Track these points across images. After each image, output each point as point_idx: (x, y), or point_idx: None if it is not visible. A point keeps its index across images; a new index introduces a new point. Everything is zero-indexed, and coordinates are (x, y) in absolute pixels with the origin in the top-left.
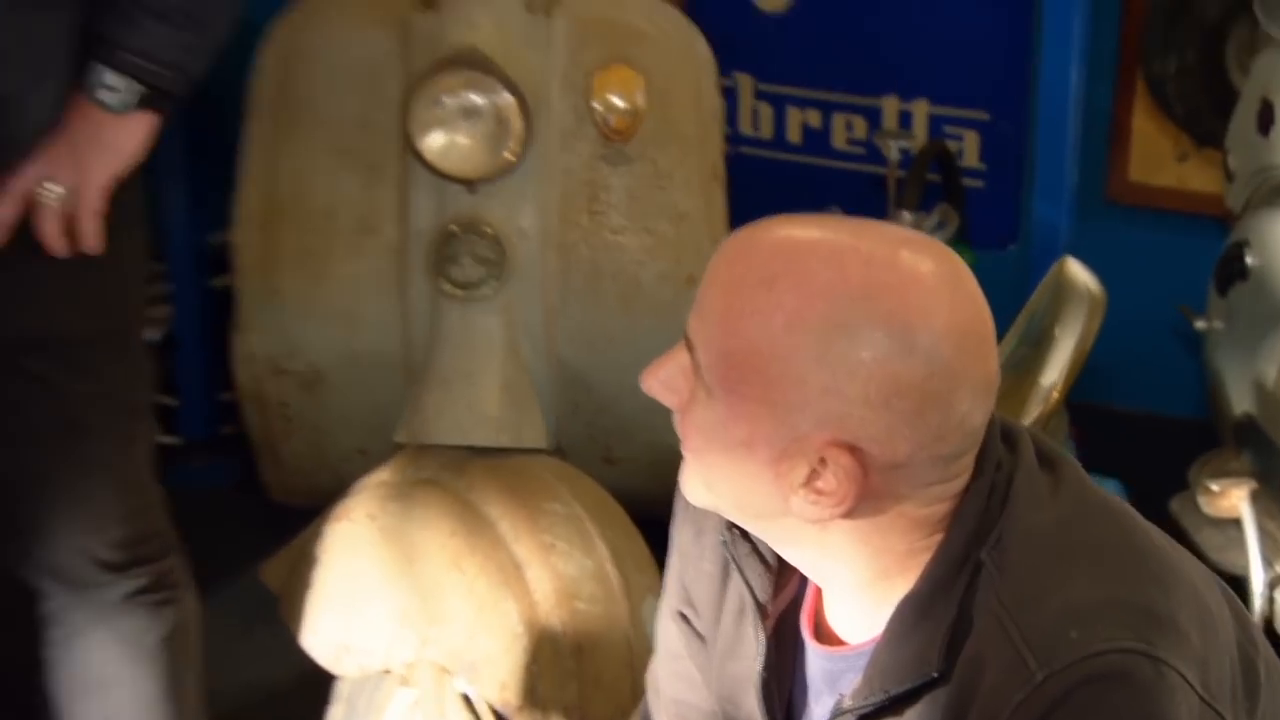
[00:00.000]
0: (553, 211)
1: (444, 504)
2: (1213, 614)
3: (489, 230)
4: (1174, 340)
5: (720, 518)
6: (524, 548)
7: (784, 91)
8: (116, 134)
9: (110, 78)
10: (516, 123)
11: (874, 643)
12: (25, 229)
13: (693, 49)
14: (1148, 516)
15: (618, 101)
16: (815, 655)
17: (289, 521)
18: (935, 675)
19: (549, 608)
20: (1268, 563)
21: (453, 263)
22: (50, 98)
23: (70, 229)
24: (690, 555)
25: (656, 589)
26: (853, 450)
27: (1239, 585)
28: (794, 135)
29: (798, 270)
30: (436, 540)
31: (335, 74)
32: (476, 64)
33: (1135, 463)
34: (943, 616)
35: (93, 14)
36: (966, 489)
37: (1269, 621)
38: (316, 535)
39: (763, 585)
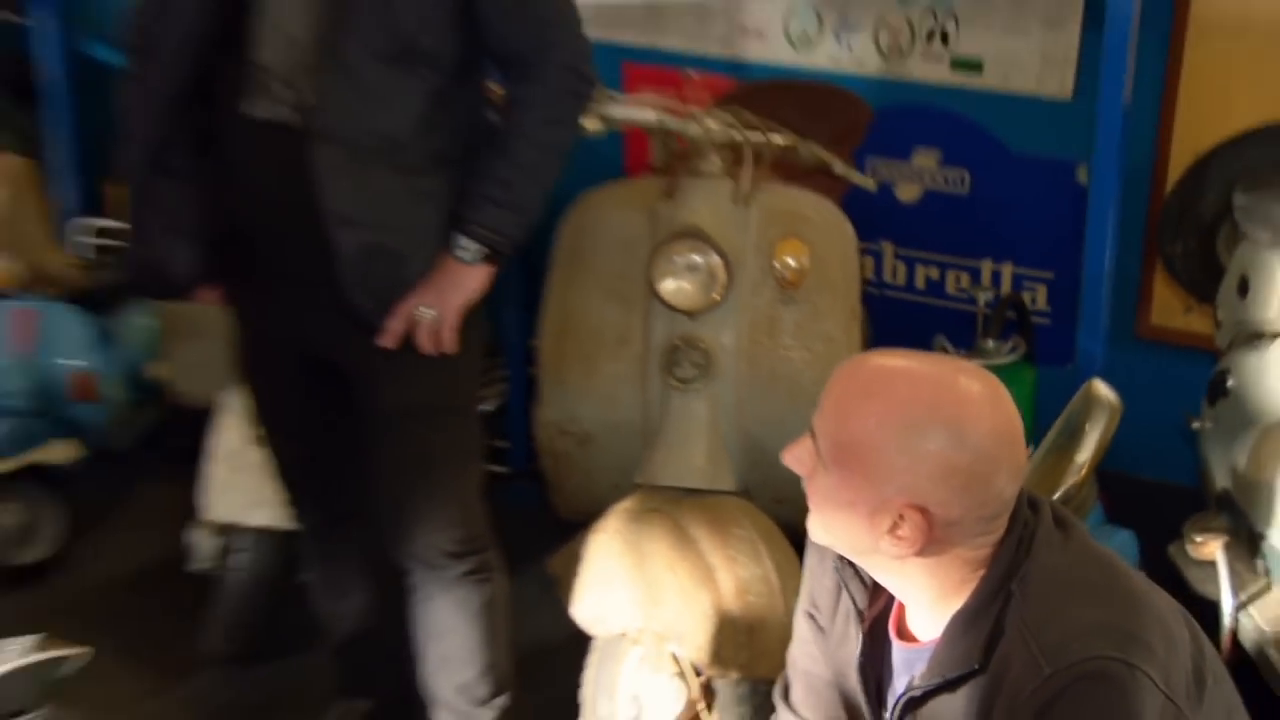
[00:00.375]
0: (744, 334)
1: (665, 525)
2: (1173, 635)
3: (701, 345)
4: (1178, 433)
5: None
6: (716, 558)
7: (914, 254)
8: (466, 278)
9: (464, 241)
10: (722, 275)
11: (936, 642)
12: (408, 336)
13: (842, 229)
14: (1151, 559)
15: (790, 262)
16: (897, 649)
17: (568, 531)
18: (976, 667)
19: (731, 599)
20: (1235, 593)
21: (677, 365)
22: (427, 255)
23: (435, 337)
24: (816, 573)
25: None
26: (922, 511)
27: (1214, 609)
28: (920, 284)
29: (887, 388)
30: (659, 550)
31: (605, 240)
32: (698, 236)
33: (1145, 518)
34: (983, 627)
35: (457, 201)
36: (1002, 540)
37: (1235, 635)
38: (583, 541)
39: (862, 598)
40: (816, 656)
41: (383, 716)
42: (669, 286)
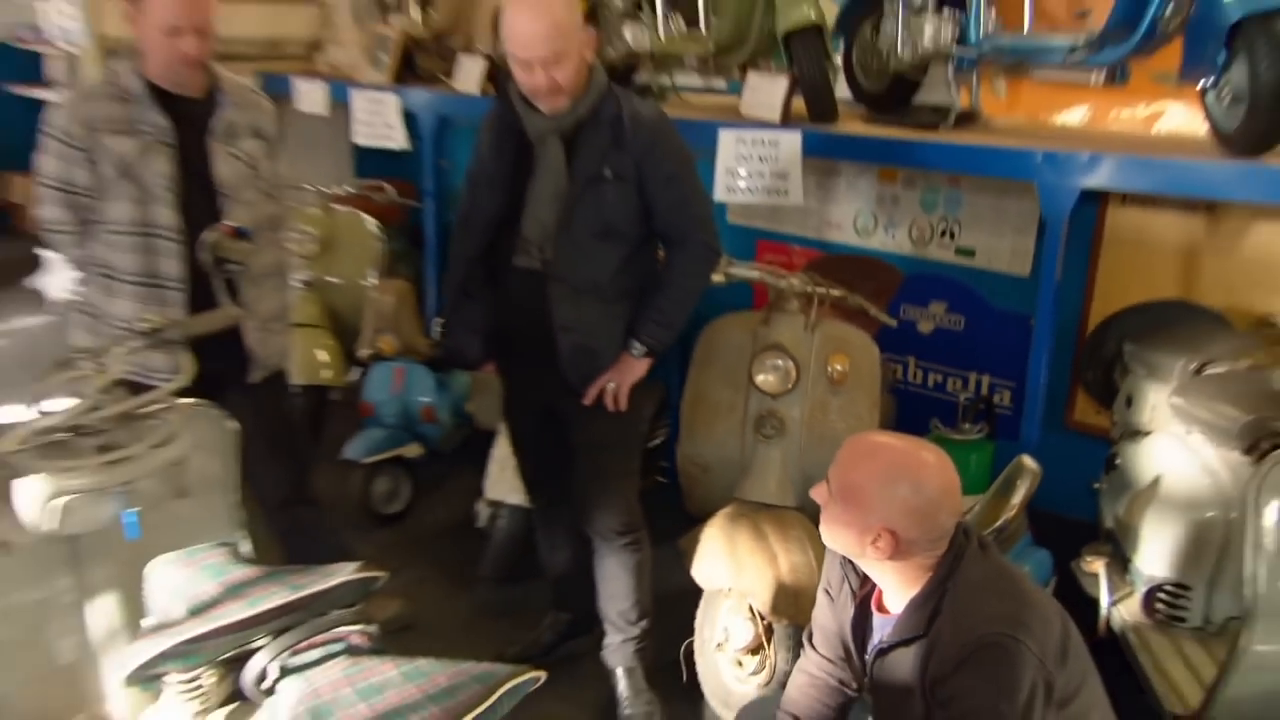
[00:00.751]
0: (806, 411)
1: (748, 525)
2: (1049, 622)
3: (779, 415)
4: (1086, 489)
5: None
6: (779, 548)
7: (927, 365)
8: (635, 366)
9: (635, 344)
10: (794, 373)
11: (899, 616)
12: (599, 399)
13: (871, 350)
14: (1060, 571)
15: (838, 368)
16: (876, 618)
17: (692, 522)
18: (922, 633)
19: (786, 574)
20: (1111, 595)
21: (763, 427)
22: (614, 352)
23: (614, 401)
24: (830, 566)
25: None
26: (892, 533)
27: (1096, 604)
28: (930, 384)
29: (875, 455)
30: (744, 540)
31: (724, 347)
32: (780, 349)
33: (1058, 542)
34: (928, 609)
35: (632, 319)
36: (943, 555)
37: (1109, 622)
38: (700, 530)
39: (856, 583)
40: (829, 617)
41: (577, 623)
42: (761, 378)
